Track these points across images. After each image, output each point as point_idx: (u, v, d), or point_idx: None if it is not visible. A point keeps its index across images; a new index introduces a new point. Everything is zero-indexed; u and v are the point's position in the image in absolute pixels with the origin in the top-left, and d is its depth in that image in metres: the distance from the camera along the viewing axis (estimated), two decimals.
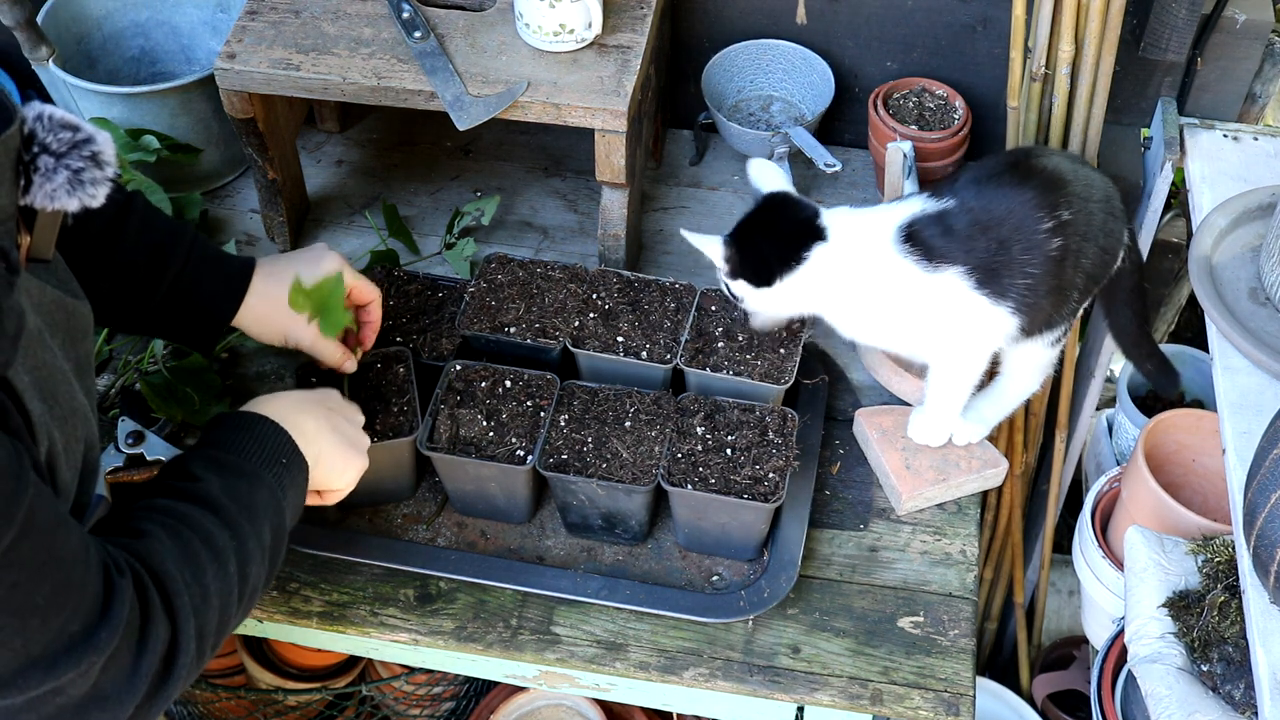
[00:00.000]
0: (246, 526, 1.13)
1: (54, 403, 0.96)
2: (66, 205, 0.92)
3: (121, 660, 0.97)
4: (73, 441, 0.99)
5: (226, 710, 2.10)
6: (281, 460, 1.20)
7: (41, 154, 0.90)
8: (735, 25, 1.81)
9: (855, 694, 1.34)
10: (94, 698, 0.96)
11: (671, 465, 1.37)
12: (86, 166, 0.92)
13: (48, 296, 1.00)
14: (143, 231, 1.33)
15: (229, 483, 1.15)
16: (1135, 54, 1.69)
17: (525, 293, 1.53)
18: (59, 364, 0.98)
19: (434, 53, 1.53)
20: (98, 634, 0.94)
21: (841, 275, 1.37)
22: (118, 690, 0.98)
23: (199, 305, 1.37)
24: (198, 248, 1.37)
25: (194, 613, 1.04)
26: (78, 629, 0.93)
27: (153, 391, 1.51)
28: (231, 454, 1.18)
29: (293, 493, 1.22)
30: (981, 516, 1.63)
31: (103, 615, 0.95)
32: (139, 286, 1.33)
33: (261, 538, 1.15)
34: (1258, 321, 1.42)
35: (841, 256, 1.36)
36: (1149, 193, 1.71)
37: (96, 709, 0.97)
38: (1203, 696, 1.28)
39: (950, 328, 1.38)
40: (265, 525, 1.16)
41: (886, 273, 1.35)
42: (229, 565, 1.10)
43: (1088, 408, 1.96)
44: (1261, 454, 1.16)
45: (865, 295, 1.38)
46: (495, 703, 2.06)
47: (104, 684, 0.97)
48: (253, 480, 1.17)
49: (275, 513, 1.18)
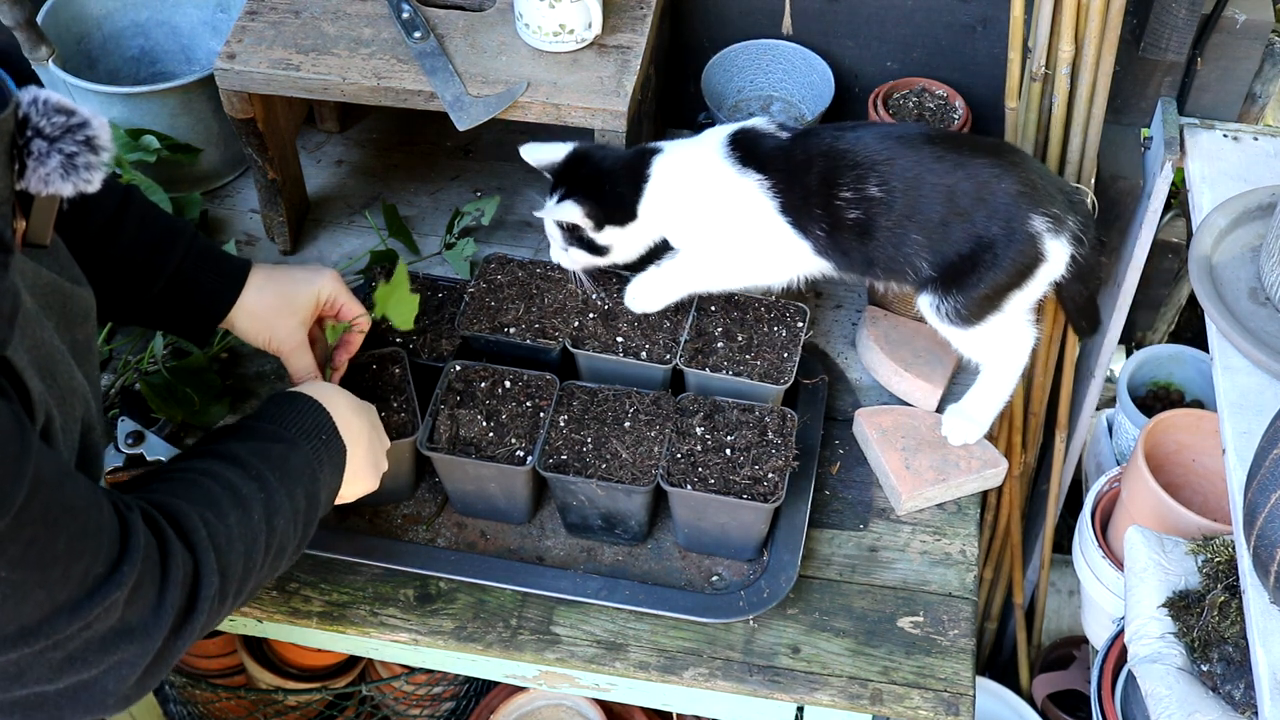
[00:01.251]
0: (274, 481, 1.15)
1: (52, 382, 0.96)
2: (61, 190, 0.92)
3: (145, 592, 0.99)
4: (70, 421, 1.00)
5: (226, 710, 2.10)
6: (321, 436, 1.23)
7: (35, 138, 0.90)
8: (735, 25, 1.81)
9: (855, 694, 1.34)
10: (121, 631, 0.98)
11: (671, 465, 1.37)
12: (81, 151, 0.92)
13: (43, 279, 1.01)
14: (142, 226, 1.34)
15: (261, 445, 1.18)
16: (1135, 54, 1.69)
17: (525, 293, 1.53)
18: (56, 344, 0.99)
19: (434, 53, 1.53)
20: (119, 570, 0.96)
21: (679, 181, 1.42)
22: (144, 622, 0.99)
23: (195, 301, 1.38)
24: (197, 244, 1.38)
25: (214, 548, 1.06)
26: (101, 570, 0.95)
27: (153, 391, 1.51)
28: (271, 424, 1.21)
29: (330, 469, 1.24)
30: (981, 516, 1.63)
31: (121, 551, 0.97)
32: (137, 279, 1.34)
33: (294, 497, 1.17)
34: (1258, 321, 1.42)
35: (677, 162, 1.43)
36: (1149, 193, 1.71)
37: (124, 641, 0.98)
38: (1203, 696, 1.28)
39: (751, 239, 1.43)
40: (298, 488, 1.18)
41: (709, 172, 1.41)
42: (253, 512, 1.11)
43: (1088, 408, 1.96)
44: (1261, 454, 1.16)
45: (694, 199, 1.43)
46: (495, 703, 2.06)
47: (130, 617, 0.98)
48: (289, 445, 1.20)
49: (309, 479, 1.20)
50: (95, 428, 1.06)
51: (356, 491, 1.32)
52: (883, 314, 1.63)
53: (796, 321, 1.51)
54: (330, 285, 1.41)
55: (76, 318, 1.06)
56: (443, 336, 1.52)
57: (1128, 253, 1.79)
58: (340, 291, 1.42)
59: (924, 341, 1.59)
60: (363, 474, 1.31)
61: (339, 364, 1.44)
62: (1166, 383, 1.92)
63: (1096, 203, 1.61)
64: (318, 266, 1.45)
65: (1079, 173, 1.62)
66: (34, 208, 0.95)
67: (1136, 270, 1.79)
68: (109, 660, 0.98)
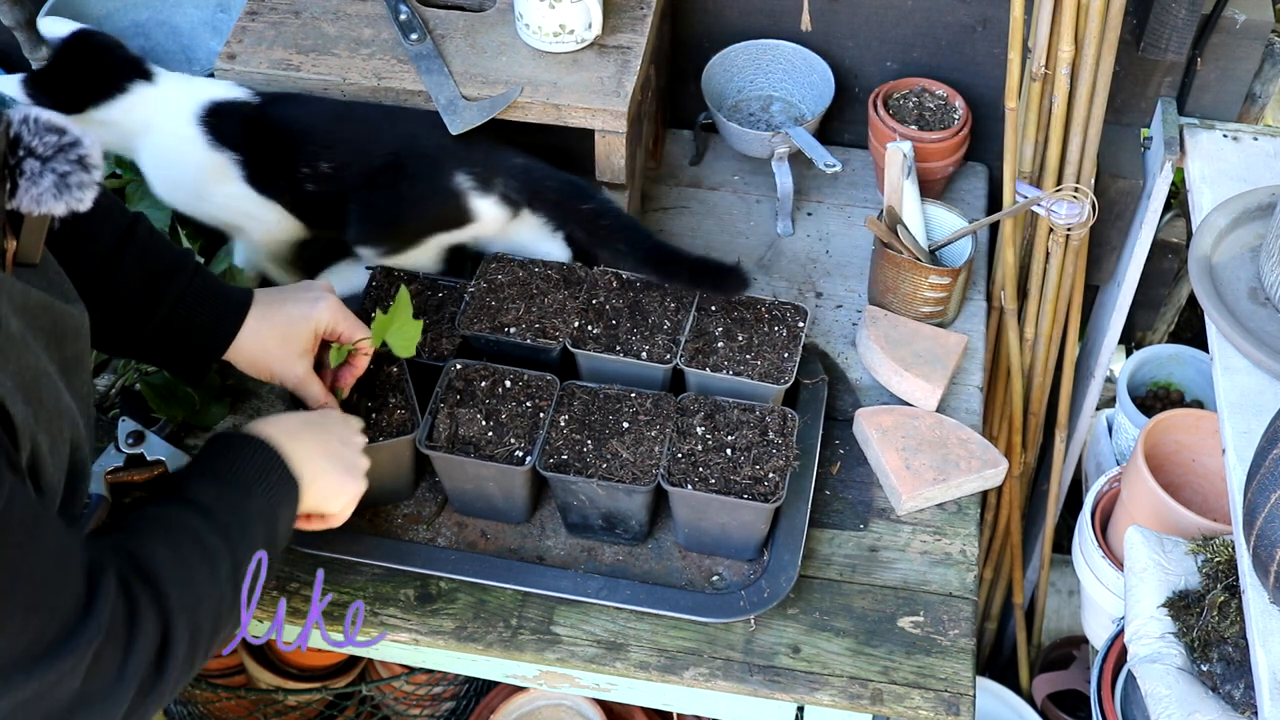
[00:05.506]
0: (237, 533, 1.13)
1: (38, 405, 0.94)
2: (54, 209, 0.92)
3: (108, 660, 0.96)
4: (59, 442, 0.98)
5: (226, 710, 2.10)
6: (272, 477, 1.20)
7: (27, 157, 0.90)
8: (735, 25, 1.81)
9: (855, 694, 1.34)
10: (82, 699, 0.95)
11: (671, 465, 1.37)
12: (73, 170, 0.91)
13: (32, 299, 0.99)
14: (142, 261, 1.31)
15: (220, 493, 1.15)
16: (1135, 54, 1.69)
17: (525, 293, 1.53)
18: (43, 365, 0.97)
19: (430, 55, 1.53)
20: (78, 634, 0.93)
21: (151, 123, 1.48)
22: (105, 690, 0.96)
23: (190, 341, 1.35)
24: (196, 280, 1.34)
25: (185, 611, 1.03)
26: (56, 630, 0.91)
27: (153, 392, 1.51)
28: (221, 469, 1.18)
29: (285, 506, 1.22)
30: (981, 516, 1.63)
31: (84, 615, 0.93)
32: (132, 316, 1.32)
33: (255, 545, 1.14)
34: (1258, 321, 1.42)
35: (157, 105, 1.48)
36: (1149, 193, 1.71)
37: (84, 710, 0.95)
38: (1203, 696, 1.28)
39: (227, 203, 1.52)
40: (258, 533, 1.16)
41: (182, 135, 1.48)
42: (221, 568, 1.09)
43: (1088, 408, 1.96)
44: (1261, 454, 1.16)
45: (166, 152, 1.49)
46: (495, 703, 2.06)
47: (91, 685, 0.95)
48: (244, 492, 1.17)
49: (268, 523, 1.18)
50: (83, 446, 1.04)
51: (344, 502, 1.30)
52: (883, 314, 1.63)
53: (796, 321, 1.51)
54: (328, 314, 1.38)
55: (67, 336, 1.04)
56: (442, 336, 1.52)
57: (1128, 253, 1.79)
58: (339, 318, 1.38)
59: (924, 342, 1.59)
60: (336, 484, 1.28)
61: (344, 384, 1.42)
62: (1166, 383, 1.92)
63: (1096, 203, 1.61)
64: (317, 293, 1.40)
65: (1079, 173, 1.62)
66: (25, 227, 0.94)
67: (1136, 270, 1.79)
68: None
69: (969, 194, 1.83)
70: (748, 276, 1.50)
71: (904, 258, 1.59)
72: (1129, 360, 1.89)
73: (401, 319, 1.39)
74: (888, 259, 1.61)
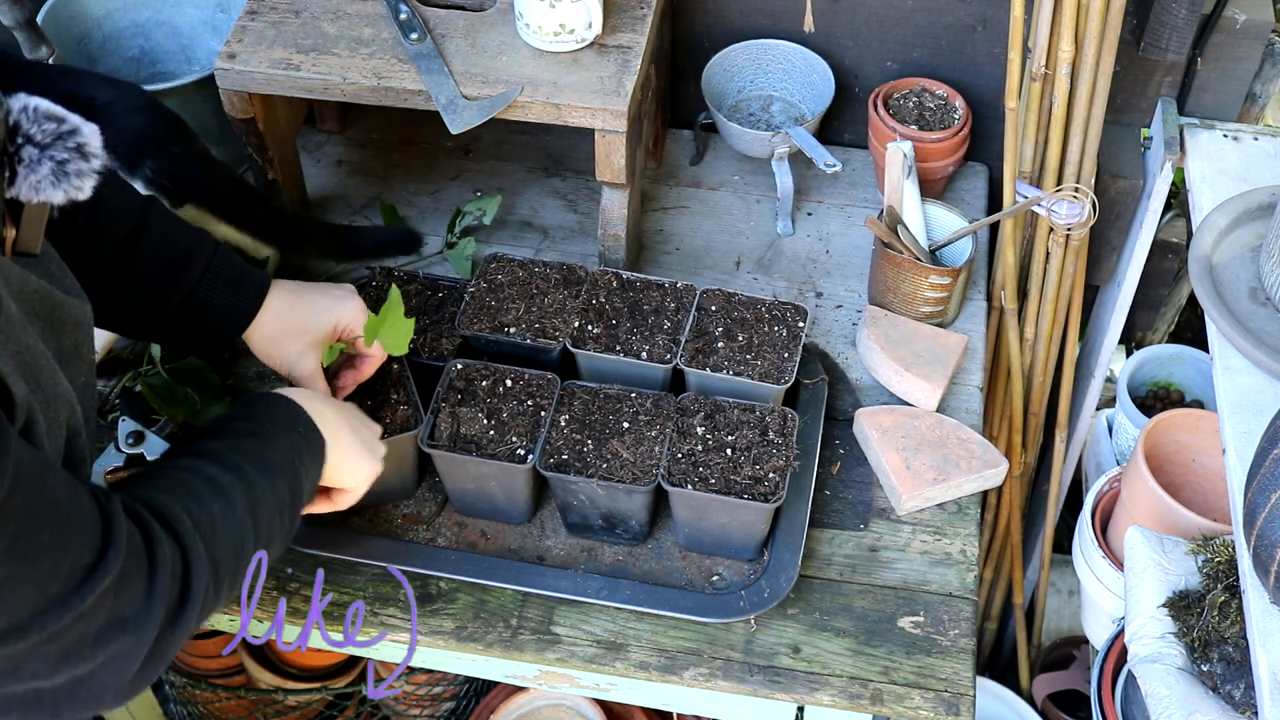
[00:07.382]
0: (254, 473, 1.14)
1: (36, 386, 0.96)
2: (51, 197, 0.92)
3: (134, 583, 0.98)
4: (55, 425, 0.99)
5: (226, 710, 2.10)
6: (298, 429, 1.22)
7: (26, 145, 0.90)
8: (735, 25, 1.81)
9: (855, 694, 1.34)
10: (114, 623, 0.97)
11: (671, 465, 1.37)
12: (71, 158, 0.92)
13: (31, 285, 1.00)
14: (159, 245, 1.31)
15: (237, 441, 1.17)
16: (1135, 54, 1.69)
17: (525, 293, 1.53)
18: (41, 349, 0.99)
19: (430, 55, 1.53)
20: (105, 559, 0.95)
21: None
22: (136, 613, 0.98)
23: (209, 321, 1.36)
24: (215, 260, 1.34)
25: (201, 537, 1.05)
26: (88, 560, 0.94)
27: (153, 392, 1.51)
28: (244, 422, 1.20)
29: (310, 460, 1.23)
30: (981, 516, 1.63)
31: (105, 541, 0.96)
32: (152, 300, 1.32)
33: (276, 489, 1.16)
34: (1258, 321, 1.42)
35: None
36: (1149, 193, 1.71)
37: (119, 633, 0.98)
38: (1203, 696, 1.28)
39: None
40: (280, 480, 1.17)
41: None
42: (236, 502, 1.11)
43: (1088, 408, 1.96)
44: (1261, 454, 1.16)
45: None
46: (495, 703, 2.06)
47: (122, 608, 0.97)
48: (265, 439, 1.19)
49: (290, 471, 1.19)
50: (81, 433, 1.04)
51: (360, 477, 1.31)
52: (883, 314, 1.63)
53: (796, 321, 1.51)
54: (351, 313, 1.39)
55: (66, 326, 1.05)
56: (443, 336, 1.52)
57: (1128, 253, 1.79)
58: (359, 322, 1.40)
59: (924, 341, 1.59)
60: (357, 457, 1.29)
61: (344, 385, 1.42)
62: (1166, 383, 1.92)
63: (1097, 202, 1.61)
64: (345, 291, 1.41)
65: (1079, 173, 1.62)
66: (24, 216, 0.94)
67: (1136, 270, 1.79)
68: (105, 654, 0.98)
69: (969, 194, 1.83)
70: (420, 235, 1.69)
71: (904, 258, 1.59)
72: (1129, 360, 1.89)
73: (394, 317, 1.40)
74: (888, 259, 1.61)
